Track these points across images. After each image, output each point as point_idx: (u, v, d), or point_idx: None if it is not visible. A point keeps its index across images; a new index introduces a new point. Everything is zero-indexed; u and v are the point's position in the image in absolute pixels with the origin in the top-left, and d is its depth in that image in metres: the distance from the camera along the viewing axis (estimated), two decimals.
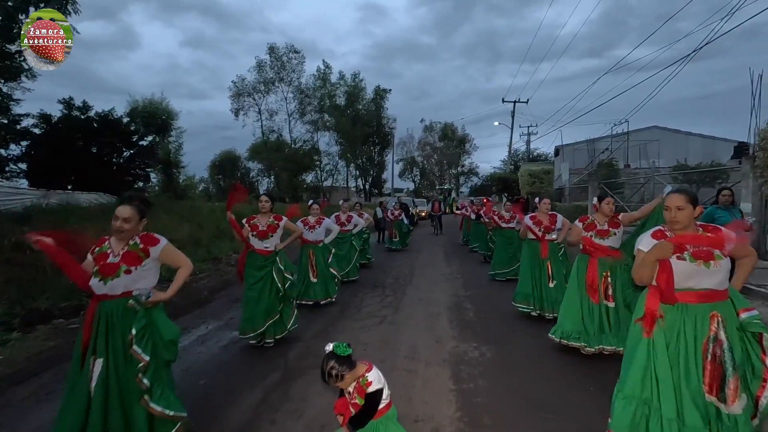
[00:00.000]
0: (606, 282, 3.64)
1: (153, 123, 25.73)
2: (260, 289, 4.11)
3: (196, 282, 8.11)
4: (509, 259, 7.05)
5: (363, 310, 5.66)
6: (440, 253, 11.24)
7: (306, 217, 5.85)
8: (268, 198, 4.35)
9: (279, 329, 4.23)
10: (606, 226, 3.77)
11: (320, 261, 5.71)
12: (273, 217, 4.32)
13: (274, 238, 4.25)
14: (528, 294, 4.97)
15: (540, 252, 4.91)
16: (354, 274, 7.44)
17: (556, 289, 4.83)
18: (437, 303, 5.95)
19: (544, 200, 5.04)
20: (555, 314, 4.73)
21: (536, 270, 4.95)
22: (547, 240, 4.92)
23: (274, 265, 4.17)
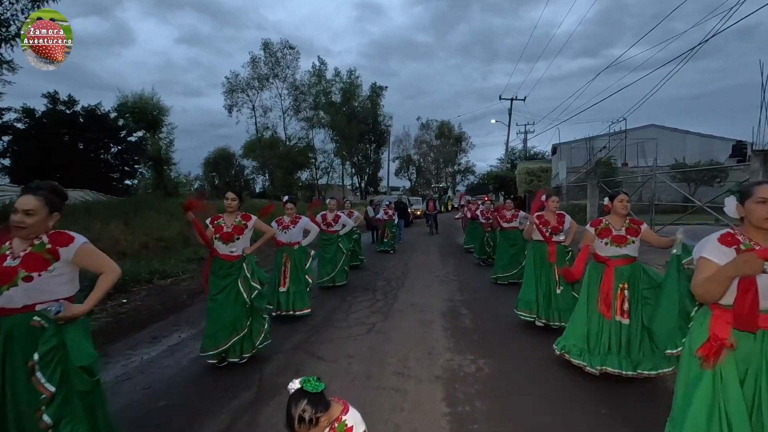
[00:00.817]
0: (622, 295, 3.19)
1: (143, 119, 25.11)
2: (223, 301, 3.65)
3: (176, 284, 7.69)
4: (511, 262, 6.63)
5: (351, 317, 5.25)
6: (435, 253, 10.84)
7: (281, 217, 5.34)
8: (235, 195, 3.85)
9: (246, 346, 3.74)
10: (623, 232, 3.26)
11: (295, 266, 5.13)
12: (240, 217, 3.82)
13: (242, 240, 3.77)
14: (531, 301, 4.54)
15: (547, 255, 4.49)
16: (341, 279, 6.85)
17: (563, 296, 4.41)
18: (431, 309, 5.55)
19: (552, 198, 4.62)
20: (563, 324, 4.34)
21: (542, 275, 4.53)
22: (554, 242, 4.51)
23: (240, 272, 3.70)
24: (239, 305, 3.68)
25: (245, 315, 3.72)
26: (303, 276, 5.14)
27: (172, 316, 5.55)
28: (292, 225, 5.19)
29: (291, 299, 5.02)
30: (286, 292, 5.04)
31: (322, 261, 6.67)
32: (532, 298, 4.53)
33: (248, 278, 3.70)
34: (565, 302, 4.39)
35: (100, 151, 18.83)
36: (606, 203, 3.43)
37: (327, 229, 6.76)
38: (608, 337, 3.21)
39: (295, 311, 5.02)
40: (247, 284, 3.70)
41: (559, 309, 4.41)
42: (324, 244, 6.78)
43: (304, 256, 5.22)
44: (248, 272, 3.71)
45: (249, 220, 3.86)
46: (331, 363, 3.77)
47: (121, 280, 7.60)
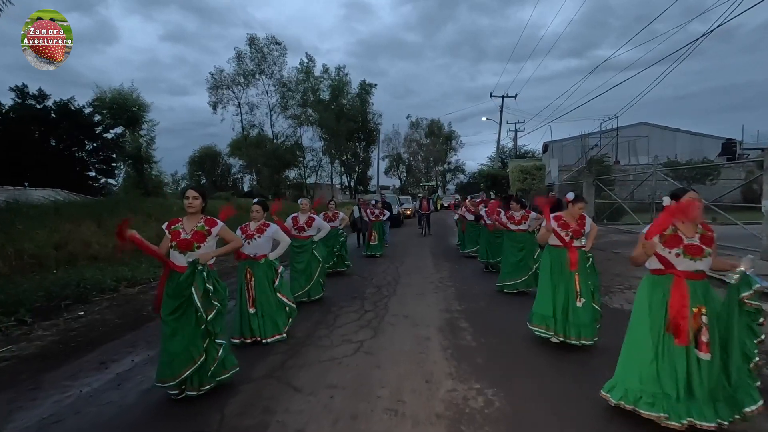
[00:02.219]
0: (698, 321, 2.42)
1: (122, 115, 24.10)
2: (177, 323, 2.97)
3: (144, 293, 6.95)
4: (519, 268, 5.97)
5: (335, 333, 4.60)
6: (428, 256, 10.22)
7: (246, 224, 4.49)
8: (197, 194, 3.15)
9: (204, 377, 3.05)
10: (697, 240, 2.49)
11: (261, 284, 4.32)
12: (204, 221, 3.15)
13: (203, 250, 3.09)
14: (548, 316, 3.90)
15: (566, 262, 3.86)
16: (317, 292, 5.85)
17: (584, 309, 3.80)
18: (426, 322, 4.92)
19: (579, 204, 3.93)
20: (582, 341, 3.74)
21: (560, 285, 3.90)
22: (575, 247, 3.89)
23: (200, 284, 3.00)
24: (194, 326, 3.00)
25: (201, 339, 3.04)
26: (274, 296, 4.34)
27: (129, 333, 4.83)
28: (258, 234, 4.34)
29: (261, 324, 4.24)
30: (256, 315, 4.25)
31: (294, 272, 5.77)
32: (548, 312, 3.89)
33: (209, 291, 3.01)
34: (586, 316, 3.79)
35: (74, 148, 17.83)
36: (668, 204, 2.65)
37: (299, 234, 5.82)
38: (686, 375, 2.43)
39: (266, 338, 4.23)
40: (206, 301, 3.01)
41: (579, 324, 3.79)
42: (296, 252, 5.80)
43: (271, 272, 4.37)
44: (209, 284, 3.02)
45: (214, 226, 3.18)
46: (309, 396, 3.12)
47: (82, 288, 6.96)
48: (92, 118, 18.14)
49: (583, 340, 3.76)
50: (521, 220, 6.12)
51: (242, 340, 4.24)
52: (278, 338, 4.29)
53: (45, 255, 8.88)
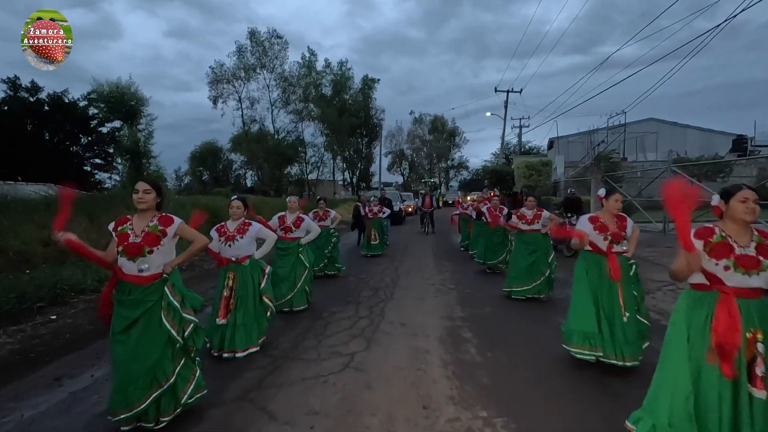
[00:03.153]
0: (753, 350, 1.90)
1: (120, 109, 23.66)
2: (135, 342, 2.48)
3: None
4: (529, 273, 5.43)
5: (324, 343, 4.13)
6: (430, 255, 9.72)
7: (223, 223, 4.01)
8: (149, 187, 2.63)
9: (166, 405, 2.57)
10: (752, 250, 2.00)
11: (246, 287, 3.81)
12: (158, 220, 2.63)
13: (158, 255, 2.59)
14: (593, 333, 3.31)
15: (606, 270, 3.31)
16: (300, 301, 5.18)
17: (630, 325, 3.28)
18: (425, 330, 4.44)
19: (615, 196, 3.43)
20: (627, 362, 3.23)
21: (601, 296, 3.36)
22: (615, 253, 3.36)
23: (163, 299, 2.56)
24: (161, 345, 2.53)
25: (172, 358, 2.58)
26: (257, 301, 3.88)
27: (98, 341, 4.37)
28: (239, 235, 3.86)
29: (236, 336, 3.74)
30: (226, 325, 3.75)
31: (275, 278, 5.13)
32: (592, 329, 3.31)
33: (177, 308, 2.57)
34: (632, 333, 3.26)
35: (68, 142, 17.42)
36: (717, 204, 2.16)
37: (285, 235, 5.18)
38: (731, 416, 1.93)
39: (235, 352, 3.72)
40: (175, 315, 2.56)
41: (626, 342, 3.25)
42: (279, 255, 5.19)
43: (257, 273, 3.92)
44: (175, 299, 2.57)
45: (170, 224, 2.65)
46: (285, 426, 2.65)
47: (59, 289, 6.53)
48: (87, 112, 17.67)
49: (629, 361, 3.23)
50: (533, 220, 5.54)
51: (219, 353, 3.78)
52: (251, 351, 3.80)
53: (31, 252, 8.49)
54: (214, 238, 3.92)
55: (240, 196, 4.11)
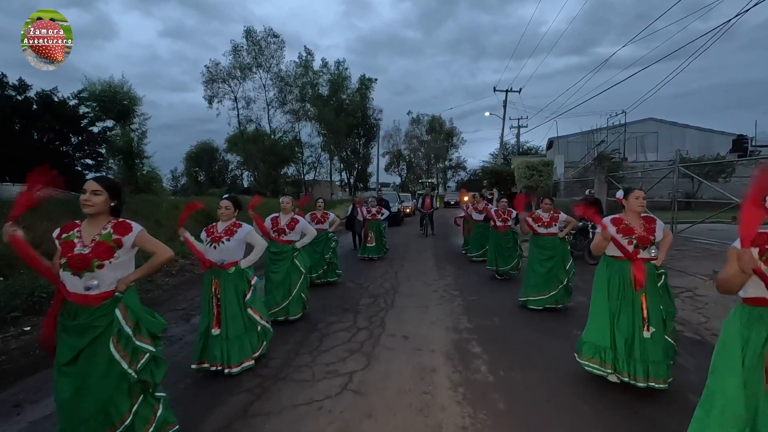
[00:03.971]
0: None
1: (112, 108, 23.19)
2: (83, 375, 2.08)
3: None
4: (547, 280, 5.02)
5: (319, 360, 3.74)
6: (430, 259, 9.34)
7: (212, 225, 3.66)
8: (100, 187, 2.18)
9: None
10: None
11: (229, 298, 3.45)
12: (113, 228, 2.20)
13: (110, 270, 2.14)
14: (605, 347, 3.00)
15: (630, 278, 2.95)
16: (296, 310, 4.78)
17: (654, 342, 2.90)
18: (430, 344, 4.07)
19: (635, 193, 3.06)
20: (651, 383, 2.85)
21: (622, 308, 2.99)
22: (641, 259, 2.99)
23: (111, 325, 2.13)
24: (114, 379, 2.12)
25: (128, 395, 2.18)
26: (242, 312, 3.52)
27: None
28: (227, 237, 3.50)
29: (227, 349, 3.39)
30: (220, 337, 3.41)
31: (270, 284, 4.78)
32: (605, 342, 2.99)
33: (129, 336, 2.15)
34: (656, 351, 2.89)
35: (57, 141, 16.93)
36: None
37: (278, 237, 4.80)
38: None
39: (230, 367, 3.38)
40: (128, 345, 2.15)
41: (646, 361, 2.88)
42: (273, 260, 4.81)
43: (242, 284, 3.55)
44: (127, 324, 2.15)
45: (127, 233, 2.21)
46: None
47: (36, 297, 6.12)
48: (77, 111, 17.18)
49: (653, 383, 2.86)
50: (550, 222, 5.12)
51: (200, 366, 3.42)
52: (246, 366, 3.45)
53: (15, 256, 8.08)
54: (203, 239, 3.59)
55: (230, 196, 3.72)
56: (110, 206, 2.24)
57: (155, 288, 6.89)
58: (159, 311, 5.52)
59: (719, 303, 5.27)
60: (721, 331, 1.95)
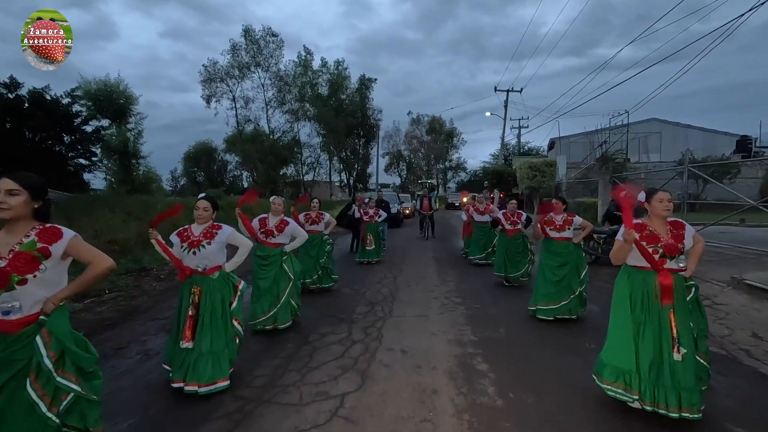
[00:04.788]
0: None
1: (108, 107, 22.89)
2: (1, 418, 1.70)
3: (90, 309, 5.73)
4: (559, 289, 4.63)
5: (308, 378, 3.38)
6: (431, 263, 8.97)
7: (187, 227, 3.30)
8: (18, 186, 1.79)
9: None
10: None
11: (213, 306, 3.14)
12: (37, 235, 1.82)
13: (36, 286, 1.79)
14: (628, 370, 2.62)
15: (656, 292, 2.59)
16: (285, 318, 4.40)
17: (685, 365, 2.52)
18: (431, 361, 3.70)
19: (659, 195, 2.68)
20: (685, 413, 2.47)
21: (646, 325, 2.61)
22: (669, 270, 2.61)
23: (32, 359, 1.74)
24: (38, 426, 1.73)
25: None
26: (228, 323, 3.17)
27: None
28: (206, 240, 3.15)
29: (200, 365, 3.02)
30: (192, 351, 3.05)
31: (257, 290, 4.43)
32: (629, 365, 2.60)
33: (49, 370, 1.74)
34: (688, 376, 2.51)
35: (50, 141, 16.57)
36: None
37: (266, 240, 4.45)
38: None
39: (200, 386, 2.99)
40: (48, 383, 1.76)
41: (677, 387, 2.50)
42: (260, 264, 4.44)
43: (228, 290, 3.20)
44: (49, 356, 1.75)
45: (56, 240, 1.84)
46: None
47: None
48: (70, 109, 16.82)
49: (686, 413, 2.47)
50: (564, 226, 4.71)
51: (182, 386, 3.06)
52: (220, 386, 3.06)
53: None
54: (175, 244, 3.22)
55: (207, 195, 3.35)
56: (33, 209, 1.86)
57: (141, 294, 6.53)
58: (139, 320, 5.22)
59: (742, 312, 4.91)
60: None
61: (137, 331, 4.66)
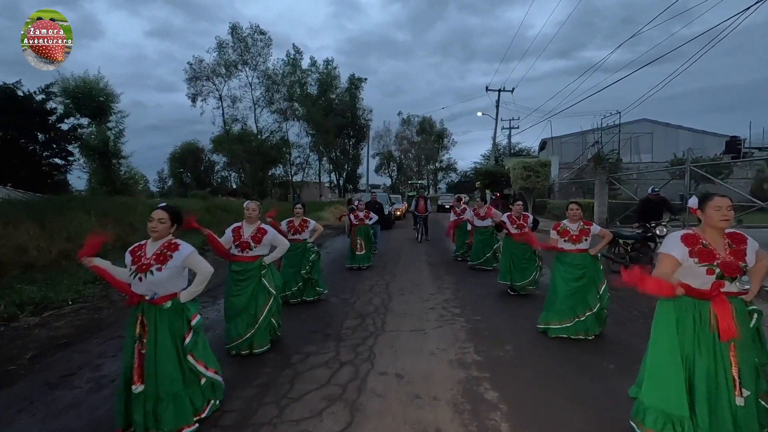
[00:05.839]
0: None
1: (87, 105, 22.00)
2: None
3: (46, 324, 5.11)
4: (573, 305, 4.06)
5: (288, 413, 2.84)
6: (425, 268, 8.47)
7: (142, 243, 2.68)
8: None
9: None
10: None
11: (162, 342, 2.54)
12: None
13: None
14: (680, 417, 2.10)
15: (711, 321, 2.09)
16: (262, 340, 3.83)
17: (747, 409, 2.04)
18: (431, 388, 3.19)
19: (716, 200, 2.17)
20: None
21: (697, 360, 2.12)
22: (727, 295, 2.10)
23: None
24: None
25: None
26: (180, 361, 2.59)
27: None
28: (158, 265, 2.55)
29: (156, 411, 2.48)
30: (144, 395, 2.48)
31: (231, 310, 3.80)
32: (681, 410, 2.09)
33: None
34: (750, 422, 2.03)
35: (22, 139, 15.70)
36: None
37: (241, 254, 3.83)
38: None
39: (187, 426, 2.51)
40: None
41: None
42: (235, 280, 3.81)
43: (180, 323, 2.62)
44: None
45: None
46: None
47: None
48: (43, 106, 15.99)
49: None
50: (579, 236, 4.13)
51: None
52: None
53: None
54: (127, 264, 2.66)
55: (166, 206, 2.76)
56: None
57: (108, 306, 5.91)
58: (99, 338, 4.56)
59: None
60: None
61: (93, 353, 4.07)
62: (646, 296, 5.62)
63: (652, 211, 7.22)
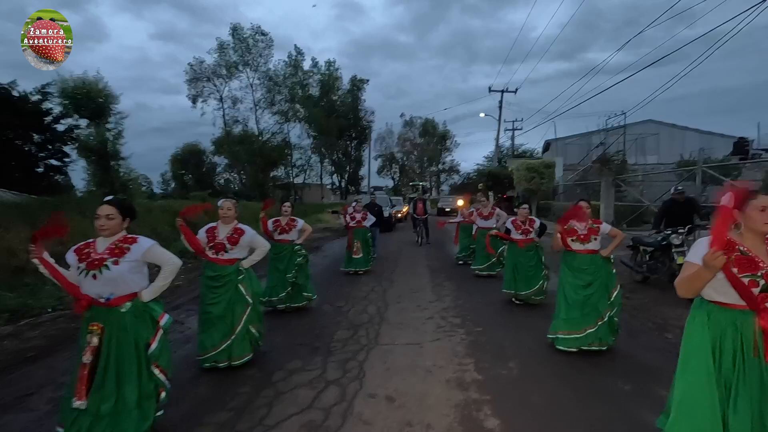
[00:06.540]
0: None
1: (85, 106, 21.75)
2: None
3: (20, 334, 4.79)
4: (583, 313, 3.70)
5: None
6: (425, 273, 8.11)
7: (90, 241, 2.39)
8: None
9: None
10: None
11: (121, 350, 2.26)
12: None
13: None
14: None
15: (756, 340, 1.73)
16: (241, 351, 3.48)
17: None
18: (425, 414, 2.84)
19: (761, 200, 1.79)
20: None
21: (742, 389, 1.75)
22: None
23: None
24: None
25: None
26: (142, 372, 2.30)
27: None
28: (112, 259, 2.27)
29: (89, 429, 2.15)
30: (88, 412, 2.16)
31: (206, 318, 3.46)
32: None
33: None
34: None
35: (18, 141, 15.48)
36: None
37: (215, 256, 3.51)
38: None
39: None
40: None
41: None
42: (210, 286, 3.49)
43: (145, 327, 2.33)
44: None
45: None
46: None
47: None
48: (39, 106, 15.76)
49: None
50: (588, 236, 3.79)
51: None
52: None
53: None
54: (72, 265, 2.34)
55: (115, 198, 2.43)
56: None
57: None
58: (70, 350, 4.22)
59: None
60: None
61: (59, 368, 3.73)
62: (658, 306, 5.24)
63: (679, 214, 6.11)
